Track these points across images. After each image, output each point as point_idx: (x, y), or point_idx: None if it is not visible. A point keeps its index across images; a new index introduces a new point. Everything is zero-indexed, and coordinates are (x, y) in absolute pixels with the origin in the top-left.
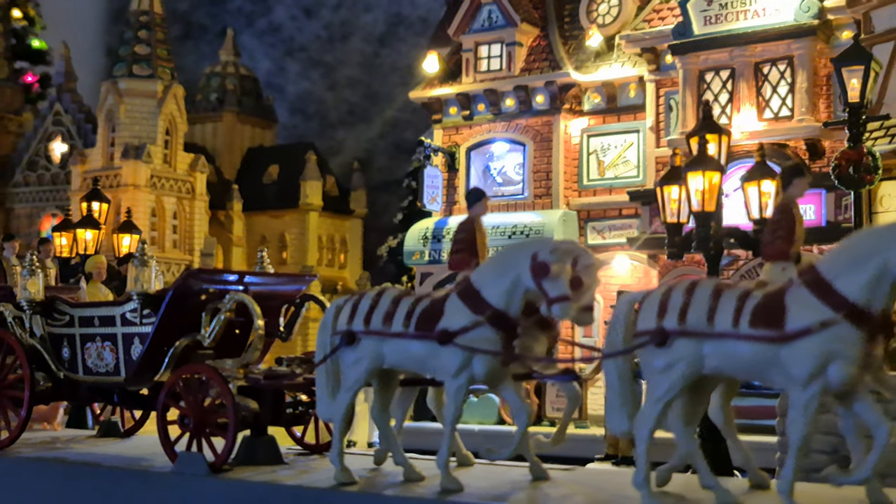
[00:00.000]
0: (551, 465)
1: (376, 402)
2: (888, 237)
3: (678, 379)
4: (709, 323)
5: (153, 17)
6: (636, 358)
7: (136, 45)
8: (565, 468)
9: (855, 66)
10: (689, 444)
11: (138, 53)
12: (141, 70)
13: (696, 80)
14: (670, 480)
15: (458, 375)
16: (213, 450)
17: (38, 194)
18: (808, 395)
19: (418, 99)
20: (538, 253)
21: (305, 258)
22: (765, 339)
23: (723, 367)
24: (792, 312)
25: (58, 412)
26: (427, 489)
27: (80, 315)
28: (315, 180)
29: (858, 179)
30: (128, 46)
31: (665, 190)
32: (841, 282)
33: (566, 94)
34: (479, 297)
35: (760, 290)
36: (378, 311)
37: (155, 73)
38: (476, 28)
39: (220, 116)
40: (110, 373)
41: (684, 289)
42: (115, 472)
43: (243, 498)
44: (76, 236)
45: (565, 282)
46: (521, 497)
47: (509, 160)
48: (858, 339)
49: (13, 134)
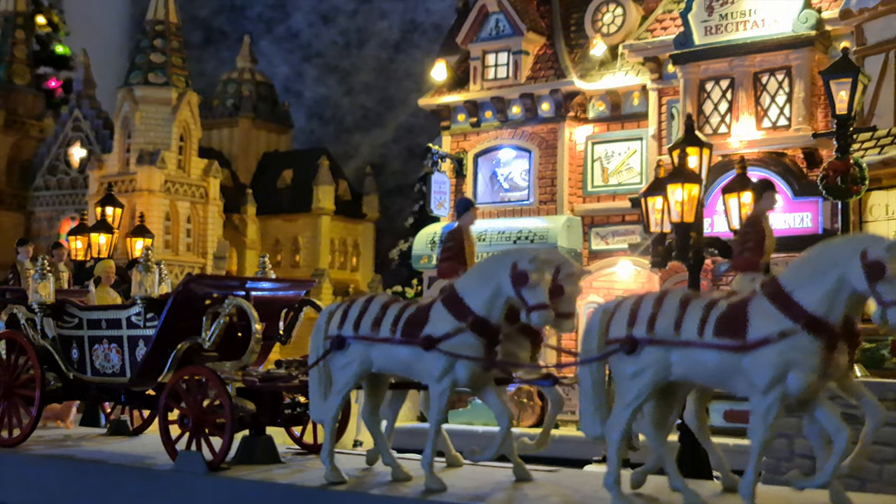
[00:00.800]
0: (536, 467)
1: (366, 404)
2: (845, 251)
3: (646, 385)
4: (675, 332)
5: (168, 26)
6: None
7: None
8: (550, 469)
9: (843, 78)
10: (659, 447)
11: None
12: (156, 78)
13: (696, 89)
14: (645, 482)
15: (441, 380)
16: (211, 449)
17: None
18: (768, 401)
19: (427, 106)
20: (518, 262)
21: (318, 261)
22: (727, 347)
23: (689, 374)
24: (753, 322)
25: (71, 411)
26: (412, 489)
27: (89, 318)
28: (327, 185)
29: (845, 190)
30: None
31: (649, 201)
32: (800, 293)
33: (571, 102)
34: (462, 304)
35: (726, 300)
36: (367, 317)
37: (170, 81)
38: (484, 37)
39: (237, 122)
40: (116, 374)
41: (654, 299)
42: (119, 469)
43: (237, 495)
44: (90, 240)
45: (544, 290)
46: (500, 497)
47: (516, 166)
48: (816, 349)
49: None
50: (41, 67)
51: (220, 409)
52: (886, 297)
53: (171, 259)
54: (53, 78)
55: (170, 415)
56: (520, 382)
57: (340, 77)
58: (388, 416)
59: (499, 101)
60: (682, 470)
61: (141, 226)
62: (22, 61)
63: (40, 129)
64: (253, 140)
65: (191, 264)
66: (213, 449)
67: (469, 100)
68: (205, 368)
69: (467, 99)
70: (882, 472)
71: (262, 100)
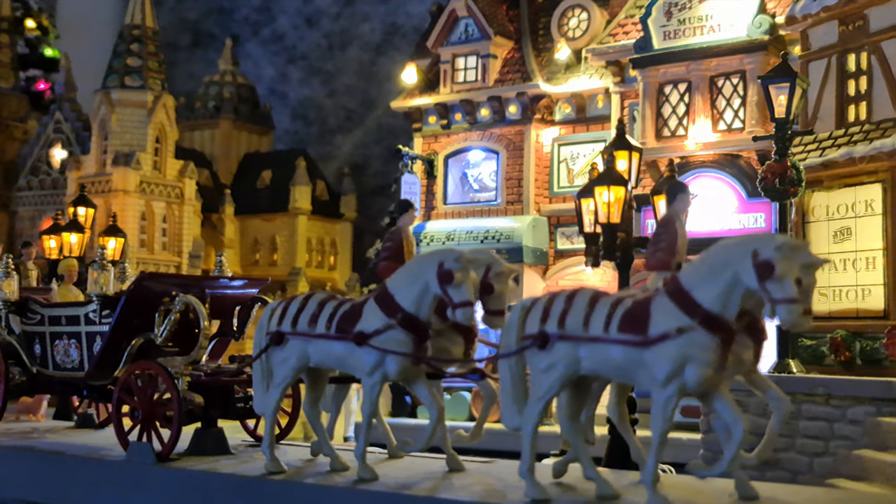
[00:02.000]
0: (472, 459)
1: (307, 397)
2: (738, 251)
3: (557, 379)
4: (584, 327)
5: (145, 31)
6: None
7: (128, 58)
8: (485, 461)
9: (781, 83)
10: (574, 439)
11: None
12: (132, 81)
13: (655, 93)
14: (566, 472)
15: (372, 374)
16: (160, 440)
17: (40, 198)
18: (667, 394)
19: (399, 108)
20: (444, 262)
21: (295, 260)
22: (629, 342)
23: (597, 368)
24: (655, 319)
25: (41, 404)
26: (345, 479)
27: (50, 314)
28: (304, 185)
29: (783, 191)
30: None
31: (583, 202)
32: (698, 291)
33: (537, 105)
34: (393, 301)
35: (631, 298)
36: (305, 314)
37: (145, 85)
38: (453, 41)
39: (217, 123)
40: (76, 368)
41: (566, 296)
42: (76, 460)
43: (183, 484)
44: (62, 240)
45: (468, 288)
46: (426, 486)
47: (485, 168)
48: (713, 344)
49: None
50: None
51: (169, 402)
52: (775, 295)
53: (146, 258)
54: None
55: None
56: (449, 377)
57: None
58: (331, 409)
59: (468, 104)
60: (612, 461)
61: (113, 225)
62: (6, 65)
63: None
64: (234, 141)
65: (166, 262)
66: (162, 440)
67: (439, 102)
68: (154, 363)
69: (437, 101)
70: (812, 464)
71: (243, 102)
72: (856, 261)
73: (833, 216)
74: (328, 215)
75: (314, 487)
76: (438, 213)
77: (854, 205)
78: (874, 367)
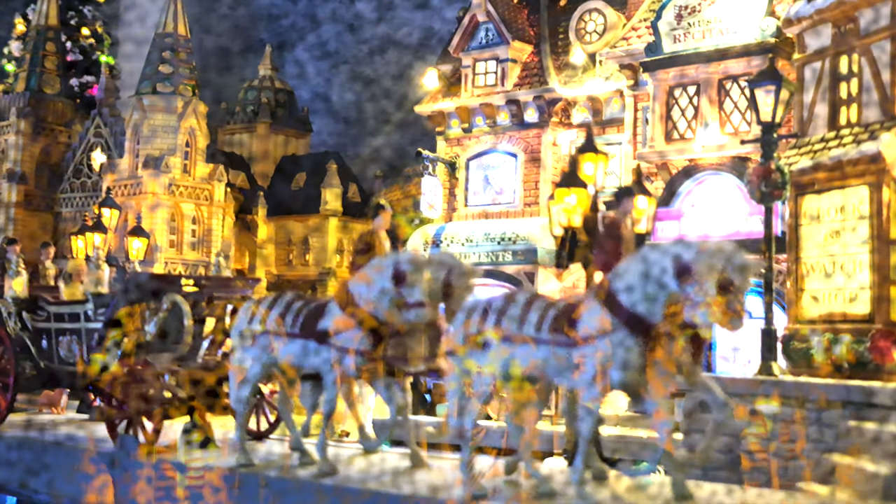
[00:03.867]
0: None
1: (281, 393)
2: (662, 256)
3: (494, 378)
4: (519, 328)
5: (177, 39)
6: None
7: (161, 65)
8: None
9: (768, 86)
10: None
11: (162, 72)
12: (163, 87)
13: (665, 96)
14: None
15: (332, 370)
16: (144, 433)
17: (82, 199)
18: (593, 394)
19: (423, 112)
20: (399, 264)
21: (325, 260)
22: (558, 343)
23: (534, 367)
24: (583, 320)
25: (62, 398)
26: (308, 472)
27: (55, 312)
28: (335, 188)
29: (768, 194)
30: (152, 66)
31: (551, 205)
32: (625, 295)
33: (554, 108)
34: (353, 301)
35: (564, 301)
36: (273, 313)
37: (176, 91)
38: (474, 46)
39: (255, 127)
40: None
41: (503, 298)
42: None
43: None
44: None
45: (421, 289)
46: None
47: (504, 170)
48: (637, 346)
49: (63, 144)
50: (84, 76)
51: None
52: (693, 298)
53: (175, 257)
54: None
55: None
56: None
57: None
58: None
59: (487, 108)
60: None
61: (137, 226)
62: (52, 72)
63: (69, 136)
64: (271, 144)
65: (195, 262)
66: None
67: (461, 106)
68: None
69: (459, 105)
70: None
71: (280, 106)
72: (844, 264)
73: (824, 219)
74: (359, 217)
75: (276, 480)
76: (460, 215)
77: (843, 208)
78: (860, 370)
